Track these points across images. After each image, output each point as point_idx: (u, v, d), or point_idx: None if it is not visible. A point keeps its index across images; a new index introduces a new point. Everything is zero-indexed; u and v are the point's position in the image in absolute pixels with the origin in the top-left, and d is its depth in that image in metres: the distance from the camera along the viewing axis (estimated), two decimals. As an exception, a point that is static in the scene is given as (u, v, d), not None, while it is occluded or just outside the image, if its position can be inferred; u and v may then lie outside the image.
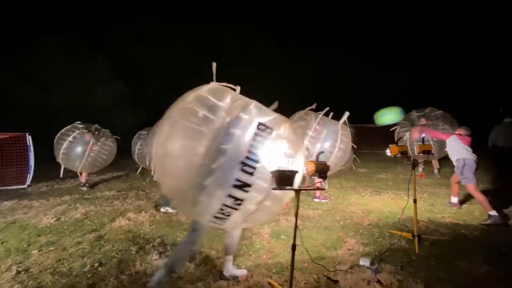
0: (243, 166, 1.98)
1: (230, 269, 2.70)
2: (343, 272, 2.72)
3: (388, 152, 3.50)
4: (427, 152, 3.54)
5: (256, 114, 2.09)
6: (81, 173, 7.12)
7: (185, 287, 2.59)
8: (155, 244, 3.56)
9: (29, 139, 8.08)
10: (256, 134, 2.03)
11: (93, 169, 7.22)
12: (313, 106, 4.68)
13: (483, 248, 3.15)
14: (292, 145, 2.20)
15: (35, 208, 5.51)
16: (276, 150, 2.10)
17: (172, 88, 20.80)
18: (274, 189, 2.00)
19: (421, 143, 3.66)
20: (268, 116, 2.13)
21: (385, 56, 21.38)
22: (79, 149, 6.79)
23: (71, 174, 8.48)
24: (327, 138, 4.52)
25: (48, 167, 8.91)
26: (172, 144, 2.11)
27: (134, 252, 3.35)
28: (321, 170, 2.14)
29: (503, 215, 4.06)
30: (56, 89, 15.20)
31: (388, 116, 3.97)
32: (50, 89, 15.00)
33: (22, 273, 2.98)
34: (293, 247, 2.10)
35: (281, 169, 1.99)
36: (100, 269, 2.99)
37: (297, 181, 2.09)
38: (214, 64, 2.28)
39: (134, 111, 18.56)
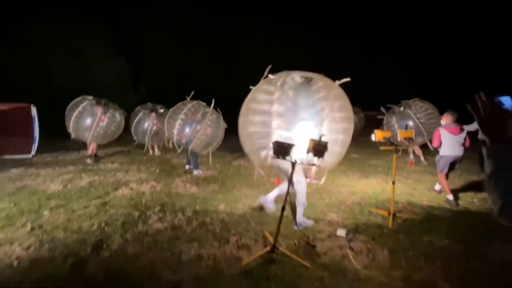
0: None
1: (301, 219, 3.42)
2: (321, 239, 3.09)
3: (372, 137, 3.77)
4: (408, 139, 3.81)
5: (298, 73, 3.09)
6: (89, 144, 7.40)
7: (182, 246, 2.95)
8: (155, 211, 3.92)
9: (33, 110, 8.29)
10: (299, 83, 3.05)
11: (102, 140, 7.57)
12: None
13: (449, 226, 3.51)
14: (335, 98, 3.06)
15: (42, 176, 5.85)
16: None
17: (172, 68, 20.75)
18: (272, 157, 2.50)
19: (404, 130, 3.93)
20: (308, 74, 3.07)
21: (378, 48, 21.34)
22: (88, 120, 7.14)
23: (74, 147, 8.82)
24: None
25: (51, 138, 9.22)
26: (251, 117, 3.20)
27: (136, 217, 3.71)
28: (319, 151, 2.38)
29: (455, 201, 4.46)
30: (56, 65, 15.08)
31: None
32: (50, 64, 14.88)
33: (37, 229, 3.35)
34: (283, 208, 2.58)
35: (279, 140, 2.32)
36: (106, 228, 3.36)
37: (295, 153, 2.54)
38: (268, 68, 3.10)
39: (135, 90, 18.56)
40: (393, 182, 3.75)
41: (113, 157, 8.15)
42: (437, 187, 5.16)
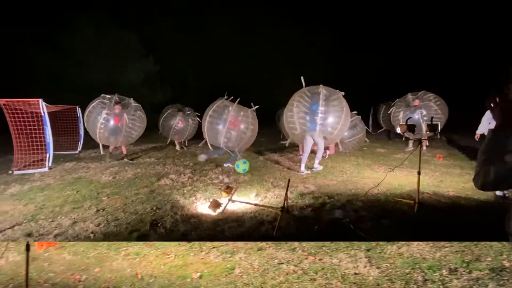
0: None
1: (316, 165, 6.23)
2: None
3: (398, 130, 3.98)
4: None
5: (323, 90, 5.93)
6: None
7: (224, 226, 3.39)
8: (197, 196, 4.41)
9: (79, 111, 9.24)
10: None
11: (127, 142, 8.01)
12: None
13: (473, 214, 3.65)
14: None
15: (92, 169, 6.60)
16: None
17: (195, 69, 21.64)
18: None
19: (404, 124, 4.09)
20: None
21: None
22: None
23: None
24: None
25: (89, 136, 10.14)
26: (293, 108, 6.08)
27: (181, 202, 4.22)
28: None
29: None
30: (88, 65, 16.28)
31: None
32: (82, 64, 16.08)
33: (101, 211, 3.95)
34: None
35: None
36: (158, 211, 3.89)
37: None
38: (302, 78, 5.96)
39: (162, 89, 19.57)
40: (419, 173, 3.94)
41: (149, 152, 8.87)
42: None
